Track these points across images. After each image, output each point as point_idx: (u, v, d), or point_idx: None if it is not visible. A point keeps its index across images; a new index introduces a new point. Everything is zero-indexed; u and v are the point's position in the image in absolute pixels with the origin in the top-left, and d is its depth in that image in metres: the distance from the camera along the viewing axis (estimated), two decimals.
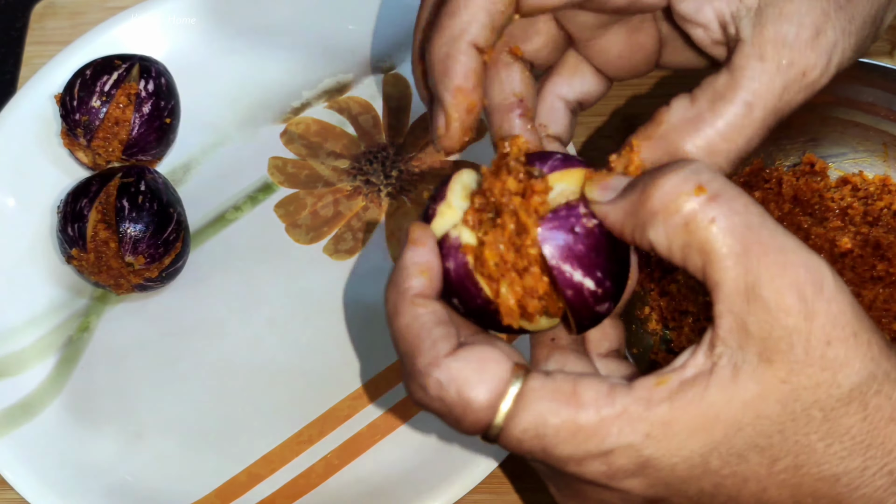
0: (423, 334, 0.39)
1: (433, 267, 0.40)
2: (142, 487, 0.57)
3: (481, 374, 0.37)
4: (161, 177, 0.60)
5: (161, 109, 0.61)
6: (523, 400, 0.37)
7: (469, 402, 0.37)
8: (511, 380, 0.38)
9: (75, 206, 0.58)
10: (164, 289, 0.61)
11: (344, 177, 0.64)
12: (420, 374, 0.38)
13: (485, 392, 0.37)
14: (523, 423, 0.37)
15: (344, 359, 0.59)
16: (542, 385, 0.37)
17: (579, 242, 0.39)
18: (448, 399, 0.38)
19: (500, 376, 0.37)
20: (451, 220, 0.41)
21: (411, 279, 0.39)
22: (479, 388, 0.37)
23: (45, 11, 0.71)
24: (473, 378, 0.37)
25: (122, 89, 0.60)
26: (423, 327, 0.39)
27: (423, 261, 0.40)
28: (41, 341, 0.60)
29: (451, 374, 0.38)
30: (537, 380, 0.37)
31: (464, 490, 0.55)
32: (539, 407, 0.37)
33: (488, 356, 0.38)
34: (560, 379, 0.37)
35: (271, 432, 0.58)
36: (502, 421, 0.37)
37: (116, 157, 0.61)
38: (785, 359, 0.36)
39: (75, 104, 0.60)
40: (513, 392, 0.37)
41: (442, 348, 0.38)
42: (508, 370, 0.38)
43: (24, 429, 0.58)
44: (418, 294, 0.39)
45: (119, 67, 0.61)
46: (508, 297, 0.40)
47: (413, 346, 0.39)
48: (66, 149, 0.63)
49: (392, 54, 0.67)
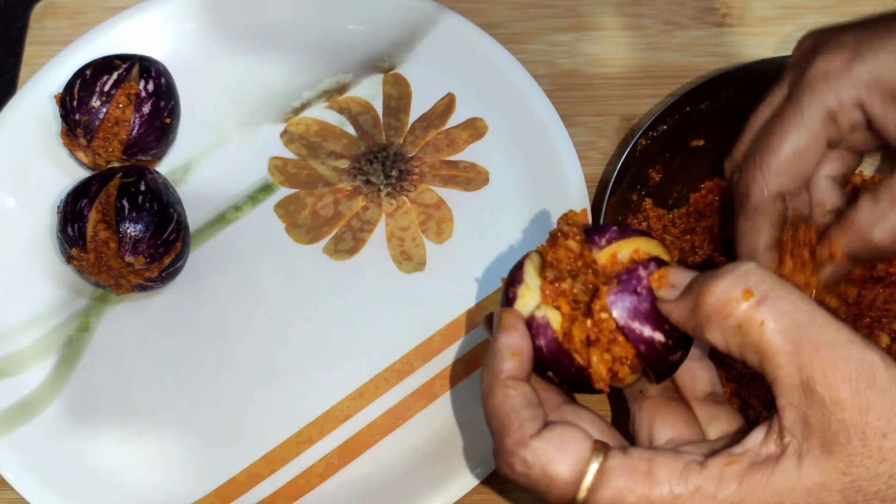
0: (513, 415, 0.42)
1: (524, 350, 0.44)
2: (142, 487, 0.57)
3: (563, 454, 0.41)
4: (161, 177, 0.60)
5: (161, 109, 0.61)
6: (603, 477, 0.41)
7: (552, 480, 0.41)
8: (591, 458, 0.41)
9: (75, 206, 0.58)
10: (164, 289, 0.61)
11: (344, 177, 0.64)
12: (508, 452, 0.42)
13: (566, 470, 0.41)
14: (604, 500, 0.40)
15: (344, 359, 0.59)
16: (620, 463, 0.41)
17: (643, 301, 0.43)
18: (533, 476, 0.42)
19: (580, 455, 0.41)
20: (532, 299, 0.45)
21: (504, 362, 0.44)
22: (561, 467, 0.41)
23: (45, 11, 0.71)
24: (556, 458, 0.41)
25: (122, 89, 0.60)
26: (513, 409, 0.43)
27: (514, 344, 0.44)
28: (41, 341, 0.60)
29: (536, 454, 0.41)
30: (615, 458, 0.41)
31: (464, 490, 0.55)
32: (617, 484, 0.40)
33: (570, 436, 0.41)
34: (636, 457, 0.41)
35: (271, 432, 0.58)
36: (585, 496, 0.41)
37: (116, 157, 0.61)
38: (844, 451, 0.38)
39: (75, 104, 0.60)
40: (593, 469, 0.41)
41: (529, 429, 0.42)
42: (588, 449, 0.41)
43: (24, 429, 0.58)
44: (510, 376, 0.43)
45: (119, 67, 0.61)
46: (599, 366, 0.44)
47: (503, 426, 0.43)
48: (66, 149, 0.62)
49: (392, 54, 0.67)
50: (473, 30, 0.66)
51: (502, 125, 0.65)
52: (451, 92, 0.66)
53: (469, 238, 0.62)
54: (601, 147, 0.65)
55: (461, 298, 0.61)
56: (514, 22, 0.69)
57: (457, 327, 0.60)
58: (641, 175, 0.60)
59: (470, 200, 0.63)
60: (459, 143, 0.65)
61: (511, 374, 0.44)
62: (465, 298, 0.61)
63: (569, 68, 0.68)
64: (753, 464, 0.39)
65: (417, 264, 0.62)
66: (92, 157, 0.62)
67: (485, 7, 0.69)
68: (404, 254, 0.62)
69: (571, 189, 0.61)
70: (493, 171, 0.64)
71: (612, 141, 0.65)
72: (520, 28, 0.69)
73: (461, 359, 0.59)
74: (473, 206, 0.63)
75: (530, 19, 0.69)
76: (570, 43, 0.69)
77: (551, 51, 0.68)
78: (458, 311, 0.60)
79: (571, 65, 0.68)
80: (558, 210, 0.61)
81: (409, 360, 0.59)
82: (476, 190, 0.64)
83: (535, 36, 0.69)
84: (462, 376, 0.59)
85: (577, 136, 0.64)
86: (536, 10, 0.69)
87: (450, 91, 0.66)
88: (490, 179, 0.64)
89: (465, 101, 0.66)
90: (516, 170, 0.64)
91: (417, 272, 0.61)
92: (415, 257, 0.62)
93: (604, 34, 0.69)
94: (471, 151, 0.65)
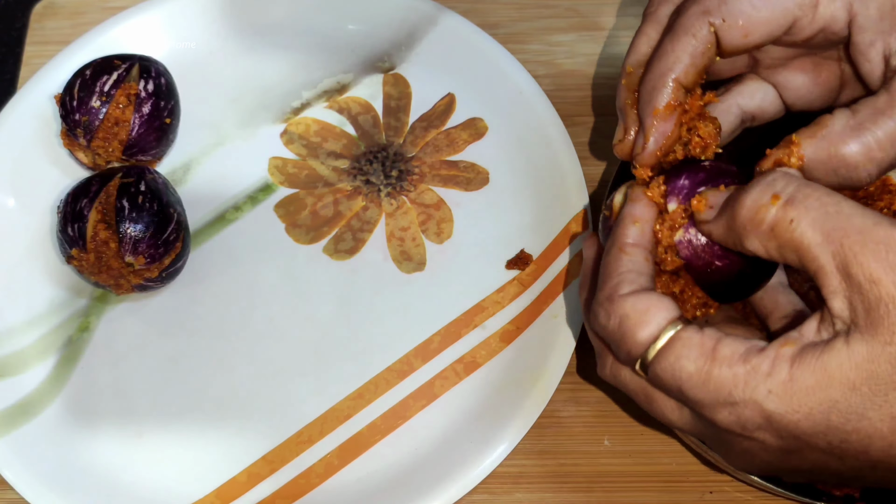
0: (614, 273, 0.46)
1: (645, 218, 0.47)
2: (142, 487, 0.57)
3: (643, 317, 0.44)
4: (161, 177, 0.60)
5: (161, 109, 0.61)
6: (671, 345, 0.43)
7: (625, 335, 0.44)
8: (668, 327, 0.43)
9: (75, 206, 0.58)
10: (164, 289, 0.61)
11: (344, 177, 0.64)
12: (597, 303, 0.46)
13: (641, 331, 0.44)
14: (663, 363, 0.43)
15: (344, 359, 0.59)
16: (690, 337, 0.43)
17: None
18: (610, 328, 0.45)
19: (658, 323, 0.44)
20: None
21: (626, 228, 0.47)
22: (637, 327, 0.44)
23: (45, 11, 0.71)
24: (634, 318, 0.44)
25: (121, 89, 0.60)
26: (616, 269, 0.46)
27: (636, 213, 0.47)
28: (41, 341, 0.60)
29: (619, 311, 0.44)
30: (688, 332, 0.43)
31: (463, 490, 0.55)
32: (680, 352, 0.43)
33: (655, 304, 0.44)
34: (707, 335, 0.43)
35: (271, 432, 0.58)
36: (653, 356, 0.43)
37: (116, 158, 0.61)
38: (885, 323, 0.40)
39: (75, 104, 0.60)
40: (667, 336, 0.43)
41: (623, 289, 0.45)
42: (667, 318, 0.44)
43: (24, 429, 0.58)
44: (627, 242, 0.46)
45: (119, 67, 0.61)
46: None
47: (603, 280, 0.46)
48: (66, 149, 0.62)
49: (392, 54, 0.67)
50: (473, 30, 0.66)
51: (502, 125, 0.65)
52: (451, 92, 0.66)
53: (469, 238, 0.62)
54: (601, 147, 0.65)
55: (461, 298, 0.61)
56: (514, 22, 0.69)
57: (457, 327, 0.60)
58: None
59: (470, 200, 0.63)
60: (459, 143, 0.65)
61: (630, 241, 0.46)
62: (465, 298, 0.61)
63: (569, 68, 0.68)
64: (805, 346, 0.41)
65: (417, 264, 0.62)
66: (92, 157, 0.62)
67: (485, 7, 0.69)
68: (404, 254, 0.62)
69: (571, 189, 0.61)
70: (493, 171, 0.64)
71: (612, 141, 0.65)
72: (520, 28, 0.69)
73: (461, 359, 0.59)
74: (473, 206, 0.63)
75: (530, 19, 0.69)
76: (570, 43, 0.69)
77: (551, 51, 0.68)
78: (458, 311, 0.60)
79: (571, 65, 0.68)
80: (558, 210, 0.61)
81: (409, 360, 0.59)
82: (476, 190, 0.64)
83: (535, 36, 0.69)
84: (462, 376, 0.59)
85: (577, 136, 0.64)
86: (536, 10, 0.69)
87: (450, 91, 0.66)
88: (490, 179, 0.64)
89: (465, 101, 0.66)
90: (516, 170, 0.64)
91: (417, 272, 0.61)
92: (415, 257, 0.62)
93: (604, 34, 0.69)
94: (471, 151, 0.65)
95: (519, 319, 0.60)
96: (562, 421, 0.58)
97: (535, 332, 0.59)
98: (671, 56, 0.47)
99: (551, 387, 0.57)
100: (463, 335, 0.60)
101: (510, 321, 0.60)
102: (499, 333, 0.60)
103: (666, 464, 0.57)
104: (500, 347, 0.59)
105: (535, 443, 0.58)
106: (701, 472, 0.57)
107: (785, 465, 0.44)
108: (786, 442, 0.42)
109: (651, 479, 0.57)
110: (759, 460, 0.44)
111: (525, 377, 0.57)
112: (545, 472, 0.57)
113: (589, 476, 0.57)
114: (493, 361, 0.59)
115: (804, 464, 0.43)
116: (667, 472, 0.57)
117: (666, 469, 0.57)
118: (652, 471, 0.57)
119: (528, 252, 0.61)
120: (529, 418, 0.56)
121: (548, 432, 0.58)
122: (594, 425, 0.58)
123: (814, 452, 0.42)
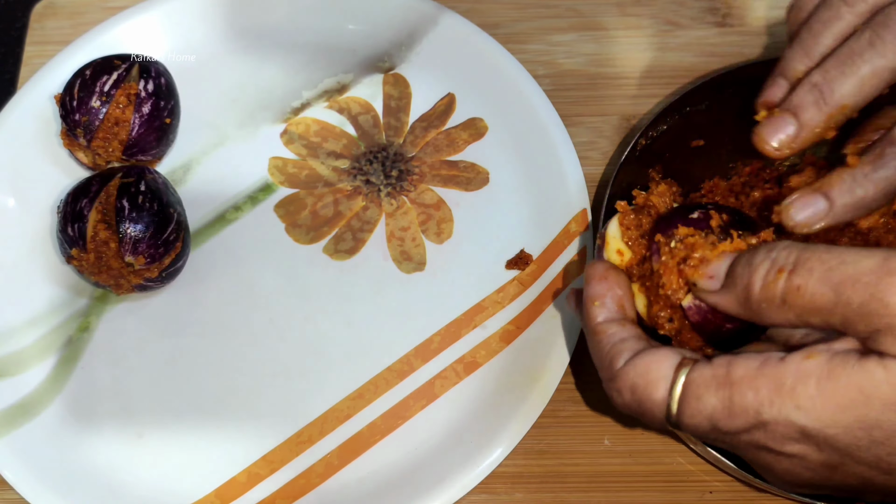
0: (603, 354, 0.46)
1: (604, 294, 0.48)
2: (142, 487, 0.57)
3: (649, 377, 0.44)
4: (161, 177, 0.60)
5: (161, 109, 0.61)
6: (688, 389, 0.43)
7: (642, 402, 0.44)
8: (677, 375, 0.43)
9: (75, 206, 0.58)
10: (164, 289, 0.61)
11: (344, 177, 0.64)
12: (607, 388, 0.46)
13: (653, 391, 0.44)
14: (688, 410, 0.43)
15: (344, 359, 0.59)
16: (701, 374, 0.43)
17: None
18: (629, 402, 0.45)
19: (666, 376, 0.44)
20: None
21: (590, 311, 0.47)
22: (651, 392, 0.44)
23: (45, 11, 0.71)
24: (644, 383, 0.44)
25: (122, 89, 0.60)
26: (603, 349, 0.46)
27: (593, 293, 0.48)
28: (41, 341, 0.60)
29: (626, 383, 0.44)
30: (697, 370, 0.43)
31: (463, 490, 0.55)
32: (698, 392, 0.43)
33: (654, 359, 0.44)
34: (717, 364, 0.43)
35: (271, 432, 0.58)
36: (676, 410, 0.43)
37: (116, 158, 0.61)
38: None
39: (75, 104, 0.60)
40: (679, 384, 0.43)
41: (617, 362, 0.45)
42: (672, 367, 0.44)
43: (24, 429, 0.58)
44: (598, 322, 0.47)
45: (119, 67, 0.61)
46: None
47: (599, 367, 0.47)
48: (66, 149, 0.62)
49: (392, 54, 0.67)
50: (473, 30, 0.66)
51: (502, 125, 0.65)
52: (451, 92, 0.66)
53: (469, 238, 0.62)
54: (601, 147, 0.65)
55: (461, 298, 0.61)
56: (514, 22, 0.69)
57: (457, 327, 0.60)
58: (641, 175, 0.60)
59: (470, 200, 0.63)
60: (459, 143, 0.65)
61: (600, 320, 0.47)
62: (465, 298, 0.61)
63: (569, 68, 0.68)
64: (835, 361, 0.41)
65: (417, 264, 0.62)
66: (92, 157, 0.62)
67: (485, 7, 0.69)
68: (404, 254, 0.62)
69: (571, 189, 0.61)
70: (493, 171, 0.64)
71: (612, 141, 0.65)
72: (520, 28, 0.69)
73: (461, 359, 0.59)
74: (473, 206, 0.63)
75: (530, 19, 0.69)
76: (570, 43, 0.69)
77: (551, 51, 0.68)
78: (458, 311, 0.60)
79: (571, 65, 0.68)
80: (558, 210, 0.61)
81: (409, 360, 0.59)
82: (476, 190, 0.64)
83: (535, 36, 0.69)
84: (462, 376, 0.59)
85: (577, 136, 0.64)
86: (536, 10, 0.69)
87: (450, 91, 0.66)
88: (490, 179, 0.64)
89: (465, 101, 0.66)
90: (516, 170, 0.64)
91: (417, 272, 0.61)
92: (415, 257, 0.62)
93: (604, 34, 0.69)
94: (471, 151, 0.65)
95: (519, 319, 0.60)
96: (562, 421, 0.58)
97: (535, 333, 0.59)
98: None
99: (551, 387, 0.57)
100: (463, 335, 0.60)
101: (510, 321, 0.60)
102: (499, 333, 0.60)
103: (666, 464, 0.57)
104: (500, 347, 0.59)
105: (535, 443, 0.58)
106: (701, 472, 0.57)
107: (829, 481, 0.43)
108: (827, 456, 0.42)
109: (651, 478, 0.57)
110: (802, 478, 0.44)
111: (525, 377, 0.57)
112: (545, 472, 0.57)
113: (589, 476, 0.57)
114: (493, 361, 0.59)
115: (849, 478, 0.43)
116: (667, 472, 0.57)
117: (666, 469, 0.57)
118: (652, 471, 0.57)
119: (528, 252, 0.61)
120: (529, 418, 0.56)
121: (548, 432, 0.58)
122: (594, 425, 0.58)
123: (859, 466, 0.42)
